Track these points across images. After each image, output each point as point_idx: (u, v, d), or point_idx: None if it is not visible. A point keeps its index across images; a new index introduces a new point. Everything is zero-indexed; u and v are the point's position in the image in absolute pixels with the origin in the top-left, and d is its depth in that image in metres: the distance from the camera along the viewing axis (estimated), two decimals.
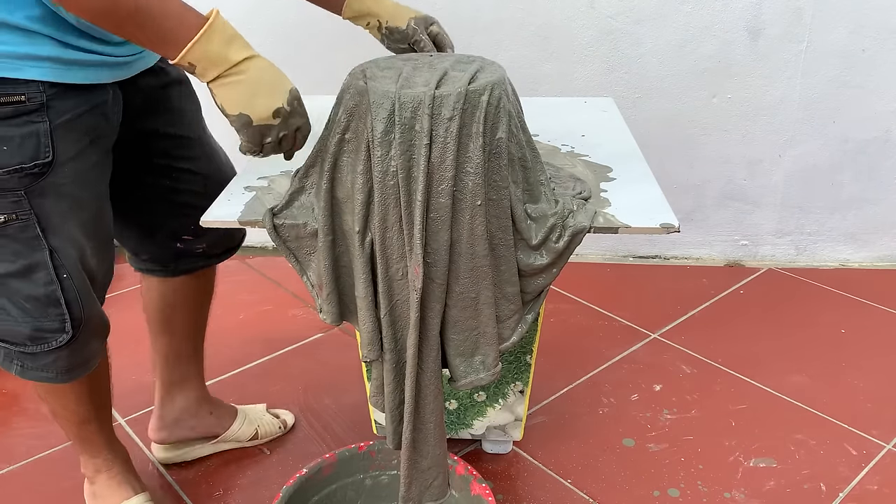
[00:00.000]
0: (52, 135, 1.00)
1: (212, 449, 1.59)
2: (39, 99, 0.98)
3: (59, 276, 1.07)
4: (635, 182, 1.18)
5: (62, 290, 1.08)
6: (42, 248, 1.05)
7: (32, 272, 1.06)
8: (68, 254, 1.07)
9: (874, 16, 2.04)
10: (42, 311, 1.09)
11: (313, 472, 1.28)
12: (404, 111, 0.93)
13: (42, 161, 1.00)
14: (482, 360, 1.05)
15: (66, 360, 1.15)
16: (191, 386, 1.53)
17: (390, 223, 0.97)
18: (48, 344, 1.12)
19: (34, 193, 1.02)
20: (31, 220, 1.03)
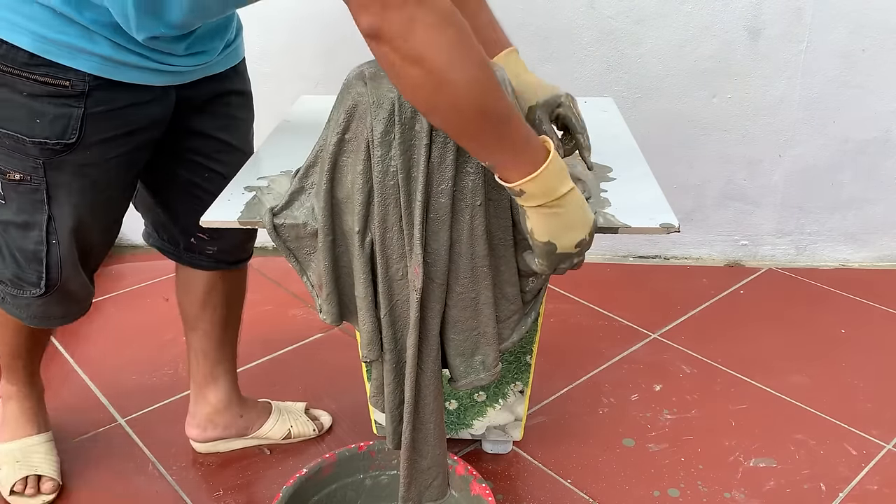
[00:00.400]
0: (83, 120, 1.07)
1: (244, 443, 1.61)
2: (82, 87, 1.05)
3: (49, 241, 1.18)
4: (635, 182, 1.18)
5: (47, 253, 1.19)
6: (43, 211, 1.15)
7: (29, 229, 1.17)
8: (64, 224, 1.16)
9: (874, 16, 2.04)
10: (26, 263, 1.21)
11: (313, 472, 1.28)
12: (404, 111, 0.93)
13: (66, 141, 1.08)
14: (482, 360, 1.05)
15: (36, 310, 1.28)
16: (219, 387, 1.55)
17: (390, 223, 0.97)
18: (23, 291, 1.24)
19: (51, 165, 1.10)
20: (41, 186, 1.12)
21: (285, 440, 1.62)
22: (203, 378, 1.55)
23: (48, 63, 1.02)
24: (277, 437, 1.61)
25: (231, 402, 1.57)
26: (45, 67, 1.02)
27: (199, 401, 1.57)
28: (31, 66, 1.02)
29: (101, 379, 1.80)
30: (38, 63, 1.02)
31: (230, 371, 1.57)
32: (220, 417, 1.57)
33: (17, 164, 1.11)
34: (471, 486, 1.27)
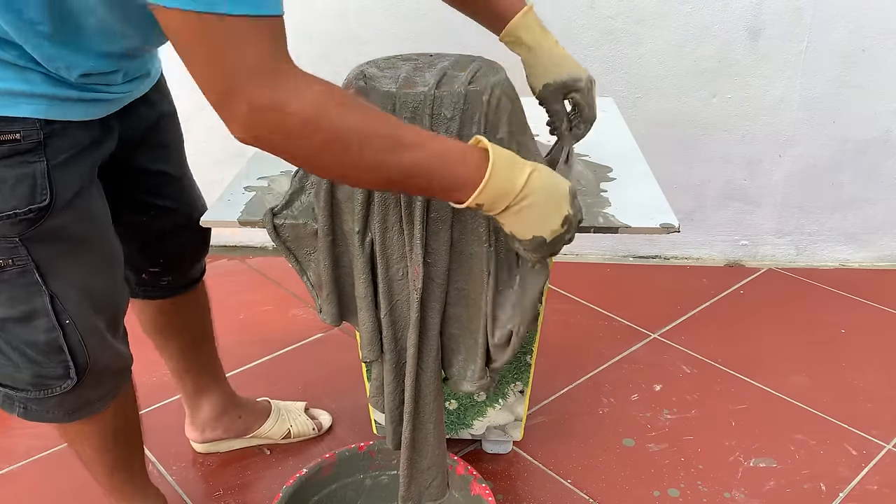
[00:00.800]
0: (49, 176, 0.93)
1: (245, 443, 1.60)
2: (36, 137, 0.91)
3: (62, 322, 1.01)
4: (635, 182, 1.18)
5: (64, 337, 1.02)
6: (41, 293, 0.99)
7: (32, 319, 1.00)
8: (70, 298, 1.01)
9: (874, 16, 2.04)
10: (44, 357, 1.03)
11: (313, 472, 1.28)
12: (404, 111, 0.93)
13: (38, 205, 0.93)
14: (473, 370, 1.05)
15: (72, 404, 1.10)
16: (213, 394, 1.54)
17: (390, 223, 0.97)
18: (52, 390, 1.06)
19: (31, 240, 0.95)
20: (28, 267, 0.96)
21: (285, 440, 1.62)
22: (193, 392, 1.52)
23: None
24: (277, 437, 1.61)
25: (228, 405, 1.56)
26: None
27: (195, 409, 1.56)
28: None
29: None
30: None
31: (219, 379, 1.54)
32: (219, 421, 1.56)
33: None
34: (471, 486, 1.27)
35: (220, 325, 1.96)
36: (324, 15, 2.12)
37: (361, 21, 2.12)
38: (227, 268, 2.36)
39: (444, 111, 0.93)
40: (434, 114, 0.93)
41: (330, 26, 2.13)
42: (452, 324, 1.04)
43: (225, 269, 2.35)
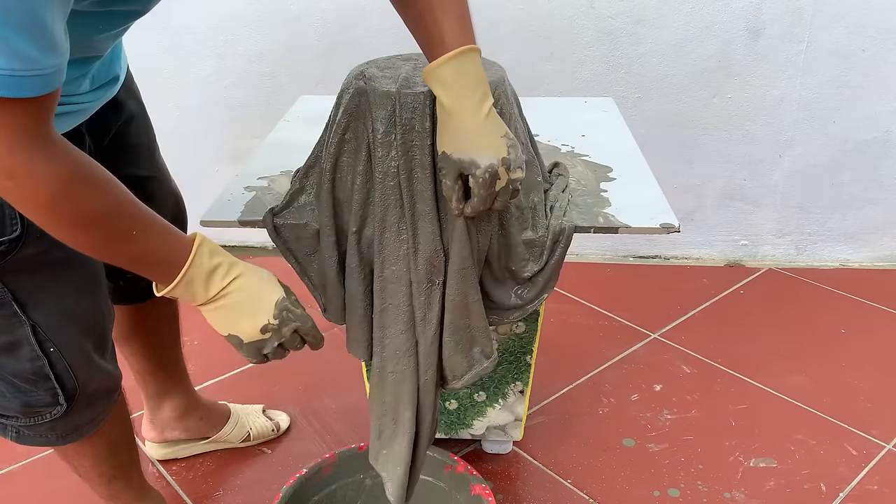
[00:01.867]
0: None
1: (203, 448, 1.58)
2: None
3: (45, 351, 0.99)
4: (635, 182, 1.18)
5: (50, 365, 1.00)
6: (22, 324, 0.96)
7: (16, 349, 0.98)
8: (53, 325, 0.99)
9: (874, 16, 2.04)
10: (31, 385, 1.02)
11: (313, 473, 1.28)
12: (405, 112, 0.93)
13: (9, 237, 0.89)
14: (480, 349, 1.04)
15: (64, 428, 1.09)
16: (175, 395, 1.51)
17: (389, 223, 0.97)
18: (42, 417, 1.06)
19: (5, 271, 0.92)
20: (5, 298, 0.94)
21: (244, 443, 1.61)
22: (156, 393, 1.50)
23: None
24: (237, 441, 1.60)
25: (190, 407, 1.53)
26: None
27: (156, 409, 1.52)
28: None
29: None
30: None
31: (183, 380, 1.52)
32: (181, 422, 1.54)
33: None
34: (471, 487, 1.27)
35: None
36: (324, 14, 2.12)
37: (361, 21, 2.12)
38: None
39: None
40: (434, 114, 0.92)
41: (330, 26, 2.13)
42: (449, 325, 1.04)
43: None
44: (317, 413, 1.72)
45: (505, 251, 1.01)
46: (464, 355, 1.03)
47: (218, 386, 1.82)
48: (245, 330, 0.91)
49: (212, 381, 1.83)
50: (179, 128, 2.23)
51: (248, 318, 0.90)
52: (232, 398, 1.73)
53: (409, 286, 0.99)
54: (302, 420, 1.70)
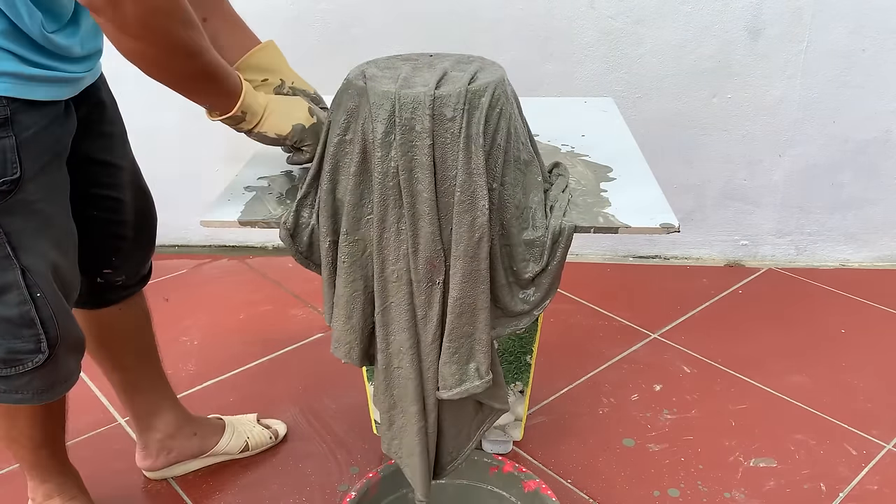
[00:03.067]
0: (18, 150, 0.97)
1: (201, 463, 1.55)
2: (4, 113, 0.95)
3: (33, 296, 1.04)
4: (635, 182, 1.18)
5: (36, 310, 1.05)
6: (13, 267, 1.01)
7: (4, 293, 1.03)
8: (41, 271, 1.04)
9: (874, 16, 2.04)
10: (16, 332, 1.06)
11: (361, 494, 1.27)
12: (404, 112, 0.93)
13: (10, 178, 0.97)
14: (476, 367, 1.03)
15: (42, 380, 1.11)
16: (164, 412, 1.48)
17: (389, 224, 0.97)
18: (23, 366, 1.08)
19: (3, 212, 0.99)
20: (1, 240, 1.00)
21: (243, 453, 1.58)
22: (145, 412, 1.47)
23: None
24: (235, 451, 1.57)
25: (181, 423, 1.50)
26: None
27: (146, 430, 1.49)
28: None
29: (102, 379, 1.80)
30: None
31: (170, 396, 1.50)
32: (174, 441, 1.50)
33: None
34: (523, 484, 1.28)
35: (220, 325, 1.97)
36: (324, 15, 2.12)
37: (361, 21, 2.12)
38: (227, 268, 2.36)
39: (445, 111, 0.93)
40: (434, 114, 0.92)
41: (330, 26, 2.13)
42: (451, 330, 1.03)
43: (225, 270, 2.35)
44: (317, 413, 1.72)
45: (506, 251, 1.01)
46: (458, 366, 1.02)
47: (218, 386, 1.82)
48: (301, 116, 1.10)
49: (212, 381, 1.83)
50: (180, 128, 2.23)
51: (298, 109, 1.10)
52: (232, 398, 1.73)
53: (409, 285, 0.99)
54: (302, 420, 1.70)
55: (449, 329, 1.00)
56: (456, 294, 0.98)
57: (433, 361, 1.03)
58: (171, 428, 1.49)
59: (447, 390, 1.03)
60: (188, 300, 1.75)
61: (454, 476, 1.34)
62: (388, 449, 1.12)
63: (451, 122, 0.93)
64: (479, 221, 0.95)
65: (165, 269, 2.32)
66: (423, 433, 1.07)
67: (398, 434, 1.09)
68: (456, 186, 0.94)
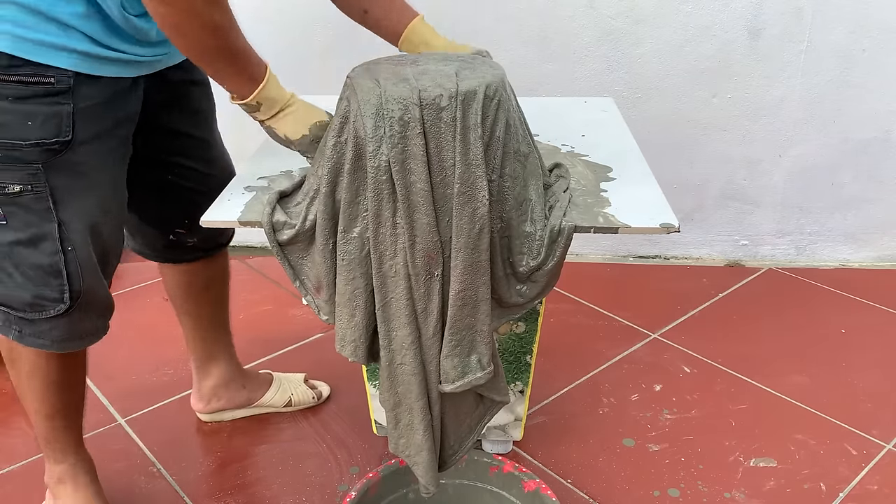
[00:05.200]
0: (73, 117, 1.07)
1: (247, 412, 1.69)
2: (67, 83, 1.05)
3: (65, 249, 1.13)
4: (635, 182, 1.18)
5: (65, 262, 1.14)
6: (52, 220, 1.11)
7: (40, 242, 1.12)
8: (76, 228, 1.13)
9: (874, 16, 2.04)
10: (44, 279, 1.14)
11: (361, 494, 1.27)
12: (390, 104, 0.93)
13: (62, 139, 1.07)
14: (478, 359, 1.04)
15: (62, 330, 1.20)
16: (220, 363, 1.62)
17: (384, 219, 0.97)
18: (46, 312, 1.17)
19: (51, 168, 1.08)
20: (44, 193, 1.09)
21: (286, 408, 1.71)
22: (203, 358, 1.62)
23: (29, 63, 1.01)
24: (279, 405, 1.70)
25: (233, 375, 1.64)
26: (27, 67, 1.02)
27: (202, 376, 1.63)
28: (13, 69, 1.01)
29: (102, 379, 1.80)
30: (18, 64, 1.01)
31: (228, 347, 1.64)
32: (224, 390, 1.64)
33: (15, 175, 1.07)
34: (523, 484, 1.28)
35: None
36: (324, 14, 2.12)
37: None
38: None
39: (441, 102, 0.93)
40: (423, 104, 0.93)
41: (330, 26, 2.13)
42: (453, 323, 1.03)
43: None
44: (317, 413, 1.72)
45: (505, 244, 1.01)
46: (461, 358, 1.03)
47: None
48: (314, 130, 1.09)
49: None
50: None
51: (316, 118, 1.10)
52: None
53: (407, 280, 0.99)
54: (302, 420, 1.70)
55: (451, 322, 1.00)
56: (458, 287, 0.98)
57: (435, 355, 1.03)
58: (223, 377, 1.63)
59: (450, 383, 1.04)
60: None
61: (454, 476, 1.34)
62: (395, 448, 1.12)
63: (449, 122, 0.93)
64: (479, 213, 0.95)
65: None
66: (430, 429, 1.07)
67: (405, 432, 1.09)
68: (455, 178, 0.94)
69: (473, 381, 1.04)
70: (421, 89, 0.93)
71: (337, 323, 1.06)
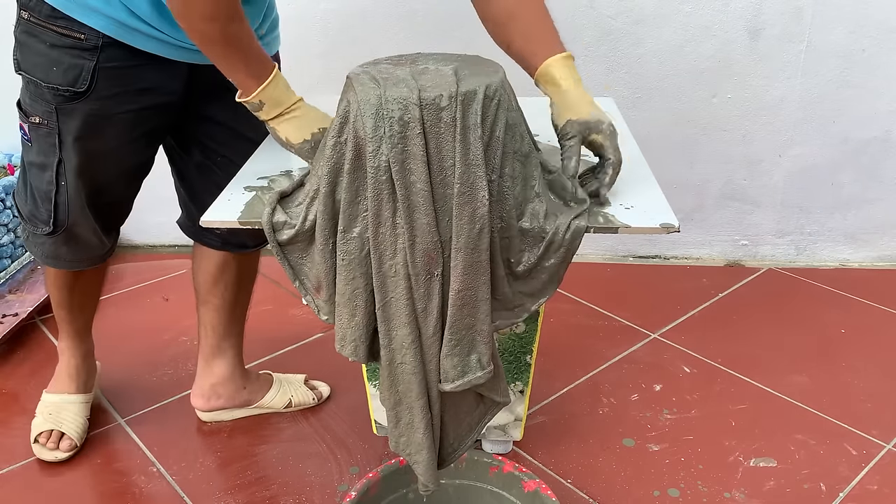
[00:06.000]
0: (94, 72, 1.17)
1: (248, 412, 1.70)
2: (95, 42, 1.15)
3: (58, 182, 1.28)
4: (635, 182, 1.18)
5: (56, 193, 1.30)
6: (55, 154, 1.26)
7: (45, 169, 1.29)
8: (71, 167, 1.26)
9: (874, 16, 2.04)
10: (40, 201, 1.33)
11: (361, 494, 1.27)
12: (390, 104, 0.93)
13: (75, 89, 1.18)
14: (478, 358, 1.04)
15: (47, 248, 1.40)
16: (226, 359, 1.64)
17: (384, 219, 0.97)
18: (37, 228, 1.37)
19: (63, 111, 1.21)
20: (54, 130, 1.23)
21: (286, 409, 1.71)
22: (210, 350, 1.63)
23: (66, 17, 1.13)
24: (279, 407, 1.70)
25: (235, 374, 1.66)
26: (63, 20, 1.14)
27: (205, 372, 1.65)
28: (53, 19, 1.14)
29: (102, 379, 1.80)
30: (58, 16, 1.14)
31: (236, 346, 1.66)
32: (224, 388, 1.65)
33: (39, 109, 1.22)
34: (523, 484, 1.28)
35: None
36: (324, 15, 2.12)
37: (361, 21, 2.12)
38: None
39: (442, 113, 0.93)
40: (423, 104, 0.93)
41: (330, 26, 2.13)
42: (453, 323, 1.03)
43: None
44: (317, 413, 1.72)
45: (505, 244, 1.01)
46: (460, 358, 1.03)
47: None
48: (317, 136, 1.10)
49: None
50: None
51: (320, 124, 1.11)
52: None
53: (407, 279, 0.99)
54: (302, 420, 1.70)
55: (451, 321, 1.00)
56: (458, 286, 0.98)
57: (434, 354, 1.03)
58: (224, 376, 1.65)
59: (449, 382, 1.04)
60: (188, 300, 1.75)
61: (454, 476, 1.34)
62: (395, 447, 1.12)
63: (449, 122, 0.93)
64: (479, 213, 0.95)
65: (165, 268, 2.32)
66: (430, 427, 1.07)
67: (405, 431, 1.09)
68: (455, 178, 0.94)
69: (473, 380, 1.04)
70: (421, 89, 0.93)
71: (337, 323, 1.06)
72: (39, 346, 1.99)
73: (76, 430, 1.59)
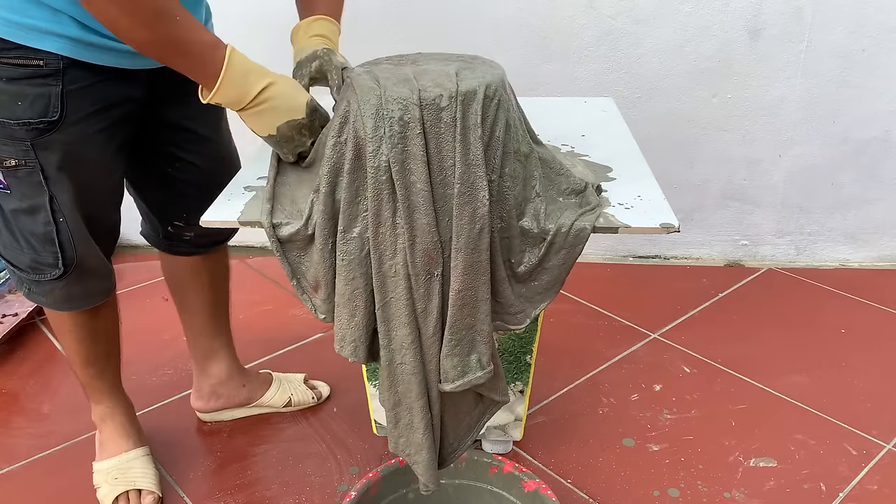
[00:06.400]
0: (62, 98, 1.11)
1: (247, 412, 1.69)
2: (56, 66, 1.08)
3: (56, 220, 1.20)
4: (635, 182, 1.18)
5: (57, 232, 1.21)
6: (43, 192, 1.17)
7: (36, 212, 1.20)
8: (65, 200, 1.19)
9: (874, 16, 2.04)
10: (41, 246, 1.23)
11: (361, 493, 1.27)
12: (390, 104, 0.93)
13: (49, 119, 1.11)
14: (478, 358, 1.04)
15: (62, 292, 1.30)
16: (220, 360, 1.63)
17: (384, 219, 0.97)
18: (44, 275, 1.26)
19: (39, 146, 1.13)
20: (35, 168, 1.15)
21: (286, 408, 1.71)
22: (203, 354, 1.62)
23: (18, 46, 1.06)
24: (279, 406, 1.70)
25: (233, 373, 1.65)
26: (16, 51, 1.06)
27: (202, 375, 1.64)
28: (4, 52, 1.06)
29: None
30: (9, 48, 1.06)
31: (228, 345, 1.65)
32: (223, 388, 1.65)
33: (12, 150, 1.13)
34: (523, 484, 1.28)
35: None
36: None
37: (361, 21, 2.12)
38: None
39: (442, 114, 0.93)
40: (423, 104, 0.93)
41: None
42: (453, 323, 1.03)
43: None
44: (317, 413, 1.72)
45: (505, 244, 1.01)
46: (460, 358, 1.03)
47: None
48: (283, 130, 1.06)
49: None
50: None
51: (286, 117, 1.06)
52: None
53: (407, 280, 0.99)
54: (302, 420, 1.70)
55: (451, 322, 1.00)
56: (458, 287, 0.98)
57: (434, 354, 1.03)
58: (222, 376, 1.64)
59: (449, 382, 1.04)
60: None
61: (454, 476, 1.34)
62: (395, 446, 1.12)
63: (449, 122, 0.93)
64: (479, 213, 0.95)
65: None
66: (429, 427, 1.07)
67: (404, 431, 1.09)
68: (455, 178, 0.94)
69: (473, 380, 1.04)
70: (421, 89, 0.93)
71: (337, 323, 1.06)
72: (39, 346, 1.99)
73: (153, 483, 1.48)
